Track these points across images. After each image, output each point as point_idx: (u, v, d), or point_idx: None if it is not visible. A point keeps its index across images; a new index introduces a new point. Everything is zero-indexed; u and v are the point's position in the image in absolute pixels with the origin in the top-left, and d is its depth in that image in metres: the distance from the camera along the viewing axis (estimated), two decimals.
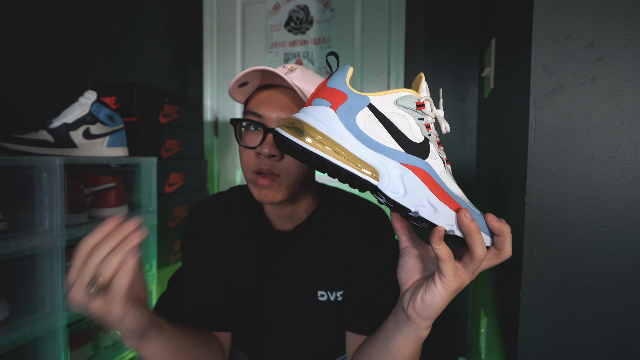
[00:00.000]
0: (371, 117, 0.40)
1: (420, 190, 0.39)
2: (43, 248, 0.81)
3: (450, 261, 0.40)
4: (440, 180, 0.40)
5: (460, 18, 1.49)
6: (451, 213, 0.39)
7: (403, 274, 0.47)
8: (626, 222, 0.54)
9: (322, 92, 0.42)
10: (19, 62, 1.15)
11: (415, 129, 0.41)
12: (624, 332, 0.55)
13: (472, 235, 0.38)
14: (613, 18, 0.53)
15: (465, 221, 0.38)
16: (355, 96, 0.41)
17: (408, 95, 0.41)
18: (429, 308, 0.42)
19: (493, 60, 1.00)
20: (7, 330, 0.75)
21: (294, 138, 0.40)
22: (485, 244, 0.39)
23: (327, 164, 0.39)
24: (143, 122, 1.22)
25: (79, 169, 0.96)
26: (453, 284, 0.40)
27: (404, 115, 0.41)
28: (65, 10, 1.29)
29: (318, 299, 0.68)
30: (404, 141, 0.40)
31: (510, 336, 0.67)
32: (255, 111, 0.60)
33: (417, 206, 0.39)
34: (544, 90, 0.56)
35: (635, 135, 0.53)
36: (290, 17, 1.78)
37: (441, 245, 0.39)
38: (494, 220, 0.39)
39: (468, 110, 1.51)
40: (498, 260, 0.41)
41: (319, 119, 0.40)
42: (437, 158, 0.41)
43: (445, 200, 0.40)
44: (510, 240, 0.40)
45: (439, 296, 0.41)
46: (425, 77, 0.44)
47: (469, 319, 1.48)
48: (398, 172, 0.40)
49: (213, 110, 1.92)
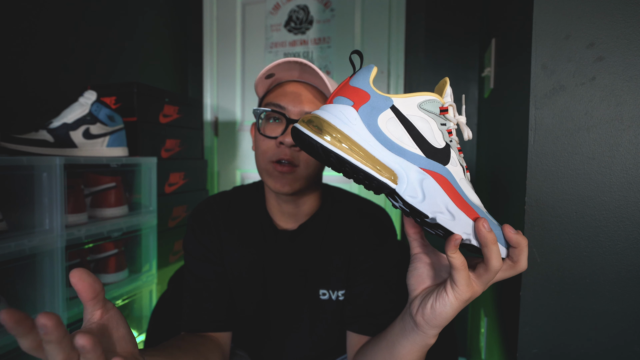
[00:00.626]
0: (393, 119, 0.40)
1: (439, 197, 0.39)
2: (43, 248, 0.81)
3: (464, 270, 0.39)
4: (459, 188, 0.40)
5: (460, 18, 1.49)
6: (469, 222, 0.39)
7: (413, 280, 0.46)
8: (626, 222, 0.54)
9: (344, 91, 0.41)
10: (19, 62, 1.15)
11: (437, 134, 0.40)
12: (624, 332, 0.55)
13: (489, 246, 0.38)
14: (613, 18, 0.53)
15: (483, 231, 0.37)
16: (379, 97, 0.40)
17: (432, 99, 0.41)
18: (439, 317, 0.42)
19: (493, 60, 1.00)
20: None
21: (314, 135, 0.39)
22: (500, 255, 0.38)
23: (346, 164, 0.39)
24: (143, 122, 1.22)
25: (79, 169, 0.96)
26: (465, 294, 0.40)
27: (427, 120, 0.40)
28: (65, 10, 1.29)
29: (319, 298, 0.68)
30: (426, 146, 0.40)
31: (510, 336, 0.67)
32: (278, 103, 0.60)
33: (434, 212, 0.38)
34: (544, 90, 0.56)
35: (635, 135, 0.53)
36: (290, 17, 1.78)
37: (456, 254, 0.38)
38: (511, 232, 0.39)
39: (468, 110, 1.51)
40: (513, 273, 0.41)
41: (339, 117, 0.40)
42: (458, 165, 0.41)
43: (464, 209, 0.39)
44: (527, 253, 0.39)
45: (450, 305, 0.41)
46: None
47: (469, 319, 1.48)
48: (417, 176, 0.39)
49: (213, 110, 1.92)
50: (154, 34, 1.72)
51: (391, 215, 1.08)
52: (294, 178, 0.62)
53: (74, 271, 0.33)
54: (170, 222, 1.35)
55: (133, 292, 1.10)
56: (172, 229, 1.36)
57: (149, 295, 1.16)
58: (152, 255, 1.15)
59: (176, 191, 1.39)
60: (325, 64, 1.73)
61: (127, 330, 0.37)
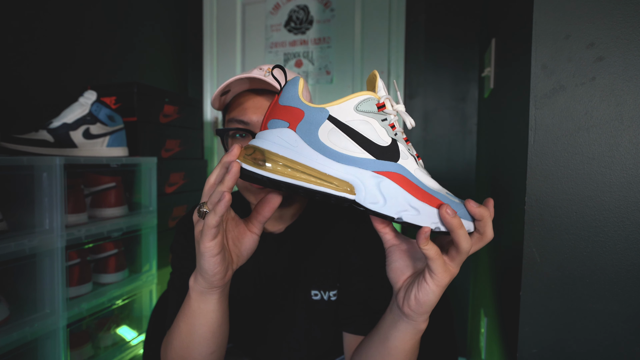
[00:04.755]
0: (334, 130, 0.38)
1: (400, 196, 0.38)
2: (43, 248, 0.81)
3: (439, 259, 0.40)
4: (416, 180, 0.40)
5: (460, 18, 1.49)
6: (433, 211, 0.39)
7: (392, 274, 0.47)
8: (626, 222, 0.54)
9: (276, 112, 0.40)
10: (19, 62, 1.15)
11: (381, 131, 0.39)
12: (624, 332, 0.55)
13: (456, 231, 0.38)
14: (613, 18, 0.53)
15: (447, 218, 0.38)
16: (313, 110, 0.38)
17: (366, 98, 0.39)
18: (424, 305, 0.43)
19: (493, 61, 1.00)
20: (7, 330, 0.75)
21: (256, 169, 0.38)
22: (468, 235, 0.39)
23: (299, 189, 0.38)
24: (143, 122, 1.22)
25: (79, 169, 0.96)
26: (443, 279, 0.41)
27: (367, 121, 0.39)
28: (65, 10, 1.29)
29: (312, 299, 0.68)
30: (373, 148, 0.39)
31: (510, 336, 0.67)
32: (241, 119, 0.60)
33: (399, 212, 0.38)
34: (544, 90, 0.56)
35: (635, 135, 0.53)
36: (290, 17, 1.78)
37: (428, 245, 0.38)
38: (474, 207, 0.39)
39: (468, 110, 1.51)
40: (482, 244, 0.42)
41: (278, 142, 0.38)
42: (408, 157, 0.40)
43: (426, 199, 0.39)
44: (491, 223, 0.40)
45: (432, 292, 0.42)
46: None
47: (469, 319, 1.48)
48: (373, 181, 0.38)
49: (213, 110, 1.92)
50: (154, 34, 1.72)
51: None
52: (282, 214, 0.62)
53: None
54: (170, 222, 1.35)
55: (133, 292, 1.10)
56: (172, 229, 1.36)
57: (149, 295, 1.16)
58: (152, 255, 1.15)
59: (176, 191, 1.39)
60: (325, 64, 1.73)
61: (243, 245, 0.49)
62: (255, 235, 0.48)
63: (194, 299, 0.48)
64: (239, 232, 0.48)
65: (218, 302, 0.48)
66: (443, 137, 1.54)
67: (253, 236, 0.48)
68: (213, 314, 0.49)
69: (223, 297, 0.49)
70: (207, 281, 0.45)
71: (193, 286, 0.47)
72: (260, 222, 0.47)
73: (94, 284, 1.00)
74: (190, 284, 0.48)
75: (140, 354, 1.13)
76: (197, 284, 0.47)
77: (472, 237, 0.41)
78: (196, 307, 0.48)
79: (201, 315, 0.49)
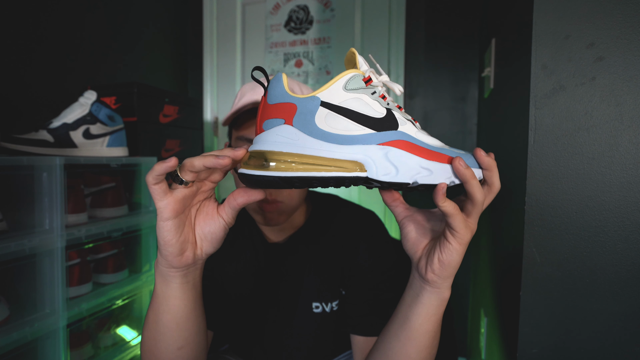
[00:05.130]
0: (330, 114, 0.39)
1: (410, 160, 0.39)
2: (43, 248, 0.81)
3: (459, 214, 0.39)
4: (419, 142, 0.40)
5: (460, 18, 1.49)
6: (445, 167, 0.39)
7: (410, 244, 0.46)
8: (626, 222, 0.54)
9: (267, 113, 0.40)
10: (19, 62, 1.15)
11: (374, 104, 0.40)
12: (624, 332, 0.55)
13: (470, 182, 0.38)
14: (613, 18, 0.53)
15: (461, 169, 0.38)
16: (304, 101, 0.39)
17: (352, 75, 0.40)
18: (449, 266, 0.42)
19: (493, 61, 1.00)
20: (7, 330, 0.75)
21: (265, 172, 0.38)
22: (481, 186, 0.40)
23: (313, 180, 0.38)
24: (143, 122, 1.22)
25: (79, 169, 0.96)
26: (465, 236, 0.40)
27: (358, 97, 0.40)
28: (64, 10, 1.29)
29: (313, 311, 0.68)
30: (371, 122, 0.39)
31: (510, 336, 0.67)
32: (249, 137, 0.59)
33: (413, 177, 0.38)
34: (544, 90, 0.56)
35: (635, 135, 0.53)
36: (290, 17, 1.78)
37: (446, 202, 0.38)
38: (483, 155, 0.40)
39: (468, 110, 1.51)
40: (492, 196, 0.42)
41: (279, 140, 0.38)
42: (406, 122, 0.41)
43: (434, 158, 0.39)
44: (498, 173, 0.41)
45: (455, 251, 0.41)
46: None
47: (469, 319, 1.48)
48: (380, 153, 0.39)
49: (213, 110, 1.92)
50: (154, 34, 1.72)
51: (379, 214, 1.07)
52: (279, 212, 0.62)
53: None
54: None
55: (133, 292, 1.10)
56: None
57: (149, 295, 1.16)
58: (152, 255, 1.15)
59: None
60: (325, 64, 1.73)
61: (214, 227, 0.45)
62: (222, 222, 0.44)
63: (157, 282, 0.46)
64: (208, 212, 0.45)
65: (180, 288, 0.45)
66: (443, 137, 1.54)
67: (220, 221, 0.44)
68: (176, 300, 0.46)
69: (186, 284, 0.46)
70: (163, 255, 0.43)
71: (155, 265, 0.46)
72: (232, 207, 0.44)
73: (94, 284, 1.00)
74: (154, 263, 0.46)
75: (140, 354, 1.13)
76: (157, 261, 0.45)
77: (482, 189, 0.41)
78: (159, 290, 0.46)
79: (164, 300, 0.46)
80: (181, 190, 0.41)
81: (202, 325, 0.51)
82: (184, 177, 0.40)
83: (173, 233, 0.41)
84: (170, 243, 0.42)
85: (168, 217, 0.41)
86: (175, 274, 0.44)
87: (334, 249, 0.69)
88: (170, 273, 0.44)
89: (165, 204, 0.40)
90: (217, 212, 0.45)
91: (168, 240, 0.41)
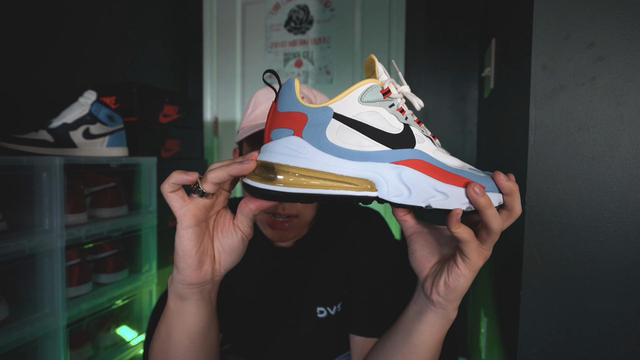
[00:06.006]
0: (342, 127, 0.36)
1: (424, 182, 0.36)
2: (43, 248, 0.81)
3: (473, 241, 0.37)
4: (437, 162, 0.37)
5: (460, 18, 1.49)
6: (461, 191, 0.36)
7: (417, 262, 0.44)
8: (626, 222, 0.54)
9: (276, 121, 0.37)
10: (18, 62, 1.15)
11: (391, 119, 0.37)
12: (624, 332, 0.55)
13: (485, 211, 0.36)
14: (613, 18, 0.53)
15: (475, 197, 0.35)
16: (316, 111, 0.36)
17: (370, 86, 0.36)
18: (455, 291, 0.40)
19: (493, 60, 1.00)
20: (7, 330, 0.75)
21: (268, 186, 0.35)
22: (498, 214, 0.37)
23: (318, 198, 0.36)
24: (143, 122, 1.22)
25: (78, 169, 0.96)
26: (477, 263, 0.38)
27: (374, 111, 0.36)
28: (65, 11, 1.29)
29: (317, 316, 0.68)
30: (386, 138, 0.36)
31: (510, 336, 0.67)
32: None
33: (427, 200, 0.36)
34: (544, 90, 0.56)
35: (635, 135, 0.53)
36: (290, 17, 1.78)
37: (460, 228, 0.36)
38: (503, 179, 0.36)
39: (468, 110, 1.50)
40: (511, 221, 0.39)
41: (286, 153, 0.36)
42: (424, 140, 0.38)
43: (451, 181, 0.36)
44: (519, 198, 0.38)
45: (464, 278, 0.39)
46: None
47: (469, 319, 1.48)
48: (393, 173, 0.36)
49: (213, 110, 1.92)
50: (154, 34, 1.72)
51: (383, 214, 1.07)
52: (294, 228, 0.60)
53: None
54: (170, 222, 1.35)
55: (133, 292, 1.10)
56: (172, 229, 1.36)
57: (149, 295, 1.16)
58: (152, 255, 1.15)
59: None
60: (325, 64, 1.73)
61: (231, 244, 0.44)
62: (240, 233, 0.42)
63: (171, 298, 0.44)
64: (225, 223, 0.43)
65: (196, 304, 0.43)
66: (443, 137, 1.54)
67: (237, 233, 0.42)
68: (190, 316, 0.44)
69: (202, 300, 0.44)
70: (180, 270, 0.41)
71: (170, 281, 0.44)
72: (246, 215, 0.41)
73: (93, 284, 1.00)
74: (169, 283, 0.44)
75: (140, 354, 1.13)
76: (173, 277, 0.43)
77: (500, 214, 0.38)
78: (173, 305, 0.44)
79: (177, 315, 0.44)
80: (201, 199, 0.39)
81: (216, 339, 0.49)
82: (206, 189, 0.38)
83: (194, 242, 0.39)
84: (190, 254, 0.39)
85: (189, 225, 0.39)
86: (191, 290, 0.42)
87: (340, 252, 0.68)
88: (187, 290, 0.42)
89: (186, 210, 0.38)
90: (233, 224, 0.43)
91: (188, 250, 0.39)
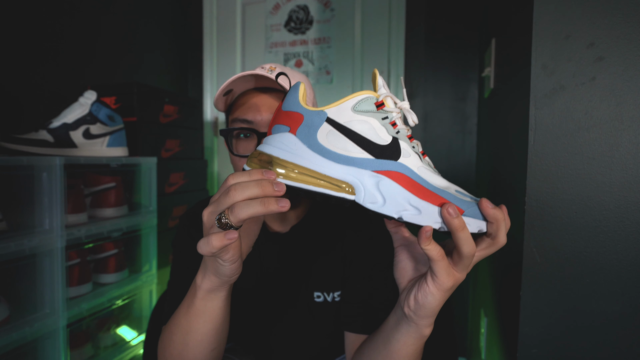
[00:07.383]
0: (332, 132, 0.39)
1: (400, 195, 0.38)
2: (43, 248, 0.81)
3: (442, 260, 0.38)
4: (419, 178, 0.39)
5: (460, 18, 1.49)
6: (435, 209, 0.37)
7: (398, 274, 0.46)
8: (626, 222, 0.54)
9: (279, 118, 0.41)
10: (18, 62, 1.15)
11: (381, 130, 0.39)
12: (624, 332, 0.55)
13: (457, 233, 0.36)
14: (613, 18, 0.53)
15: (448, 218, 0.36)
16: (312, 114, 0.39)
17: (364, 97, 0.39)
18: (423, 308, 0.41)
19: (493, 60, 1.00)
20: (7, 330, 0.75)
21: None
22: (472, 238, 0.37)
23: (299, 191, 0.39)
24: (143, 122, 1.22)
25: (79, 169, 0.96)
26: (446, 283, 0.39)
27: (366, 120, 0.39)
28: (65, 11, 1.29)
29: (314, 300, 0.68)
30: (372, 147, 0.39)
31: (510, 336, 0.67)
32: (245, 118, 0.59)
33: (399, 212, 0.38)
34: (544, 90, 0.56)
35: (635, 135, 0.53)
36: (290, 17, 1.78)
37: (430, 245, 0.37)
38: (488, 207, 0.36)
39: (468, 110, 1.51)
40: (493, 249, 0.39)
41: (281, 147, 0.39)
42: (411, 155, 0.39)
43: (428, 198, 0.38)
44: (505, 228, 0.37)
45: (432, 296, 0.40)
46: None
47: (469, 319, 1.48)
48: (372, 180, 0.38)
49: (213, 110, 1.92)
50: (155, 34, 1.72)
51: None
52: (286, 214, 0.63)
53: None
54: (170, 222, 1.35)
55: (133, 292, 1.10)
56: (172, 229, 1.36)
57: (149, 295, 1.16)
58: (152, 255, 1.15)
59: (176, 191, 1.39)
60: (325, 64, 1.73)
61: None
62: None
63: (201, 298, 0.47)
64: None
65: (225, 299, 0.48)
66: (443, 137, 1.54)
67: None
68: (219, 311, 0.48)
69: (229, 293, 0.48)
70: (223, 281, 0.45)
71: (201, 285, 0.46)
72: None
73: (93, 284, 1.00)
74: (198, 283, 0.46)
75: (140, 354, 1.13)
76: (207, 282, 0.45)
77: (482, 241, 0.39)
78: (202, 305, 0.47)
79: (206, 313, 0.47)
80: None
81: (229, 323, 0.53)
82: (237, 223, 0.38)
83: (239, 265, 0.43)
84: (236, 272, 0.43)
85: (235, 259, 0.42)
86: (225, 288, 0.46)
87: (336, 241, 0.69)
88: (221, 289, 0.46)
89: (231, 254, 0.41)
90: None
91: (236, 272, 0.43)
